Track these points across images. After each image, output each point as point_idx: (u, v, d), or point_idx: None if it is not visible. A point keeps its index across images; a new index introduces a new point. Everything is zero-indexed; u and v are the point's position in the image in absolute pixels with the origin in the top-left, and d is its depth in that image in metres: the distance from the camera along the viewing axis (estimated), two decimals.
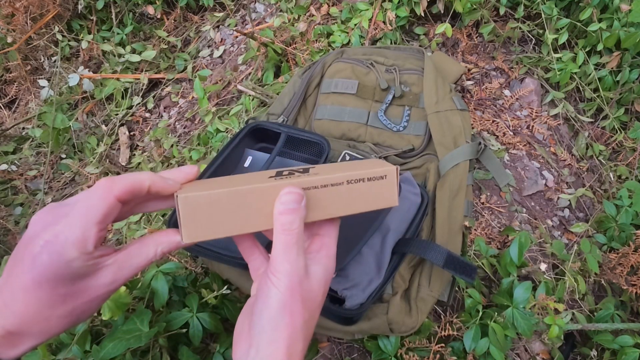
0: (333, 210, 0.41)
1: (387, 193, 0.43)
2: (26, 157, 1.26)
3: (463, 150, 0.81)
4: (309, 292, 0.38)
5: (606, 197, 0.94)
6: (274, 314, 0.36)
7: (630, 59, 0.98)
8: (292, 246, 0.37)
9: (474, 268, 0.62)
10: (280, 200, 0.37)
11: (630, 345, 0.73)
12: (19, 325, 0.34)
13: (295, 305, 0.37)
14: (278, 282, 0.37)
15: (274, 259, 0.37)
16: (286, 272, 0.37)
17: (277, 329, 0.36)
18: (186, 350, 0.64)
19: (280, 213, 0.37)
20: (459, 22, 1.13)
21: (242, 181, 0.39)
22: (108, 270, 0.36)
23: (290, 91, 0.93)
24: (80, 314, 0.36)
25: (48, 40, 1.36)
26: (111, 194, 0.34)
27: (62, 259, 0.33)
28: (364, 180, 0.41)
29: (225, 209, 0.36)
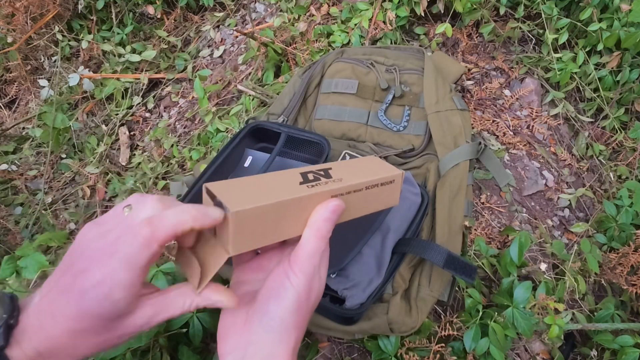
0: (352, 213, 0.43)
1: (393, 195, 0.47)
2: (26, 157, 1.26)
3: (463, 150, 0.81)
4: (318, 296, 0.39)
5: (606, 197, 0.94)
6: (287, 315, 0.36)
7: (630, 59, 0.98)
8: (320, 252, 0.38)
9: (474, 268, 0.62)
10: (329, 209, 0.38)
11: (630, 345, 0.73)
12: (50, 349, 0.34)
13: (306, 308, 0.38)
14: (298, 281, 0.37)
15: (300, 259, 0.37)
16: (308, 274, 0.37)
17: (286, 330, 0.36)
18: (186, 350, 0.64)
19: (324, 220, 0.38)
20: (459, 22, 1.13)
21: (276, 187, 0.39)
22: (145, 311, 0.36)
23: (290, 91, 0.93)
24: (108, 347, 0.36)
25: (48, 40, 1.36)
26: (154, 243, 0.33)
27: (109, 299, 0.33)
28: (379, 185, 0.44)
29: (269, 219, 0.37)
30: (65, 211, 1.17)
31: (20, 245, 1.11)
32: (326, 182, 0.41)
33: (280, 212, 0.37)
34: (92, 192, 1.18)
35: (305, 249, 0.38)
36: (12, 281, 0.69)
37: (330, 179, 0.42)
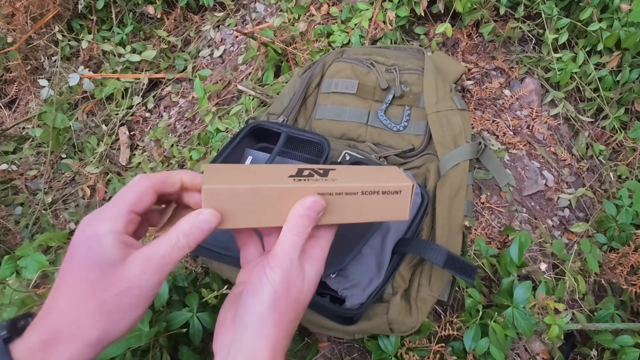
0: (343, 217, 0.42)
1: (400, 207, 0.44)
2: (26, 156, 1.26)
3: (463, 150, 0.81)
4: (300, 292, 0.38)
5: (606, 196, 0.94)
6: (264, 310, 0.36)
7: (630, 59, 0.98)
8: (298, 247, 0.38)
9: (474, 268, 0.62)
10: (305, 205, 0.38)
11: (630, 345, 0.73)
12: (52, 330, 0.33)
13: (286, 304, 0.37)
14: (274, 276, 0.37)
15: (277, 254, 0.37)
16: (285, 267, 0.37)
17: (264, 325, 0.36)
18: (186, 350, 0.64)
19: (300, 216, 0.38)
20: (459, 21, 1.13)
21: (263, 176, 0.39)
22: (136, 260, 0.35)
23: (290, 91, 0.93)
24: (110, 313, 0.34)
25: (48, 40, 1.36)
26: (146, 181, 0.36)
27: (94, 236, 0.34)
28: (379, 192, 0.42)
29: (244, 203, 0.37)
30: (65, 211, 1.17)
31: (20, 245, 1.11)
32: (317, 179, 0.40)
33: (256, 199, 0.37)
34: (92, 192, 1.18)
35: (282, 243, 0.38)
36: (12, 281, 0.69)
37: (324, 178, 0.41)
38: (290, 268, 0.37)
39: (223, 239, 0.67)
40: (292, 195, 0.38)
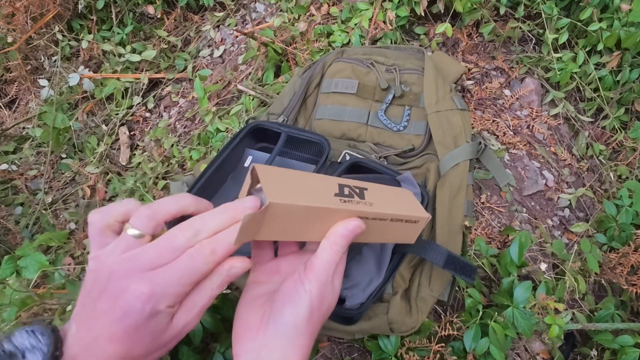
0: (369, 237, 0.46)
1: (412, 233, 0.49)
2: (26, 156, 1.26)
3: (463, 150, 0.81)
4: (329, 306, 0.41)
5: (606, 196, 0.94)
6: (300, 321, 0.38)
7: (630, 59, 0.98)
8: (334, 264, 0.40)
9: (474, 268, 0.62)
10: (348, 227, 0.41)
11: (630, 345, 0.73)
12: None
13: (318, 316, 0.39)
14: (312, 288, 0.39)
15: (316, 267, 0.40)
16: (322, 282, 0.39)
17: (300, 336, 0.38)
18: (186, 350, 0.64)
19: (341, 236, 0.41)
20: (459, 21, 1.13)
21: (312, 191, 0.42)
22: (180, 315, 0.38)
23: (290, 91, 0.93)
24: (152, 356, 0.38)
25: (48, 39, 1.36)
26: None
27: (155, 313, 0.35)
28: (403, 221, 0.46)
29: (297, 218, 0.39)
30: (66, 211, 1.17)
31: (20, 245, 1.11)
32: (358, 202, 0.44)
33: (308, 215, 0.40)
34: (92, 192, 1.18)
35: (321, 258, 0.40)
36: (12, 281, 0.69)
37: (363, 201, 0.44)
38: (326, 282, 0.40)
39: None
40: (338, 215, 0.41)
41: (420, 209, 0.49)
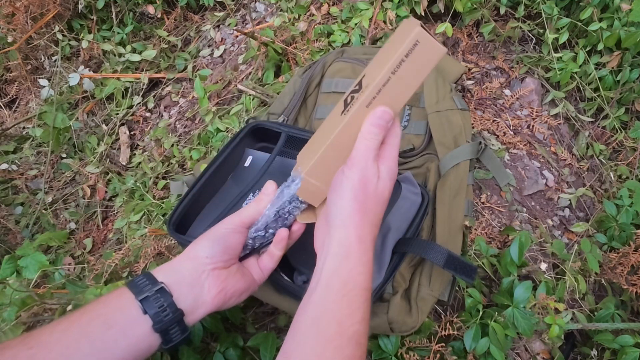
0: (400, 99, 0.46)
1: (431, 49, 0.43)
2: (27, 156, 1.26)
3: (463, 150, 0.81)
4: (376, 187, 0.46)
5: (606, 196, 0.94)
6: (345, 203, 0.45)
7: (630, 59, 0.98)
8: (372, 150, 0.46)
9: (474, 268, 0.61)
10: (375, 114, 0.45)
11: (630, 345, 0.73)
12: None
13: (365, 197, 0.45)
14: (352, 174, 0.45)
15: (353, 157, 0.45)
16: (361, 167, 0.45)
17: (348, 216, 0.45)
18: (186, 350, 0.64)
19: (371, 124, 0.45)
20: (459, 21, 1.13)
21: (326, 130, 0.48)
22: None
23: (290, 91, 0.93)
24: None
25: (48, 39, 1.36)
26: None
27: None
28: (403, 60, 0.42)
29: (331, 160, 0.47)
30: (66, 211, 1.17)
31: (20, 244, 1.11)
32: (357, 97, 0.45)
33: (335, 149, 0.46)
34: (93, 192, 1.18)
35: (357, 149, 0.46)
36: (13, 281, 0.69)
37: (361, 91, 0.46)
38: (366, 167, 0.45)
39: None
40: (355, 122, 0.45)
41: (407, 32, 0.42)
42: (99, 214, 1.14)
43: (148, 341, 0.44)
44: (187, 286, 0.47)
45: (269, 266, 0.56)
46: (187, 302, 0.47)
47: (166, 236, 0.86)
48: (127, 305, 0.44)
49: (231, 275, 0.51)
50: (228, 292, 0.50)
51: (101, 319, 0.43)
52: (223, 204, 0.74)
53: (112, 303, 0.45)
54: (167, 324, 0.44)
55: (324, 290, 0.44)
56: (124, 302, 0.45)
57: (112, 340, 0.42)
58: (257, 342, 0.67)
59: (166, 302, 0.45)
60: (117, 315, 0.44)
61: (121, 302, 0.45)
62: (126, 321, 0.44)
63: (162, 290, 0.46)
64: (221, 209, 0.72)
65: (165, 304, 0.45)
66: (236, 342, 0.68)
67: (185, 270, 0.48)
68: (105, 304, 0.45)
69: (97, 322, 0.43)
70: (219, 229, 0.52)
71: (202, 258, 0.49)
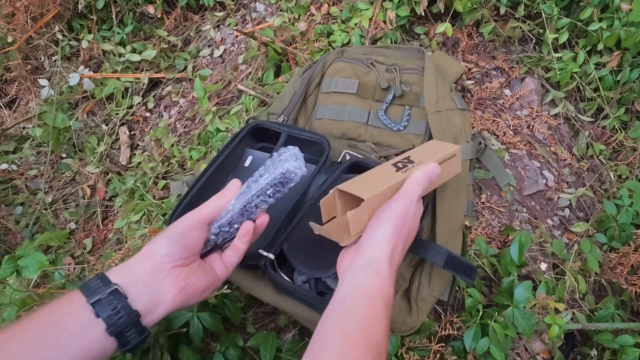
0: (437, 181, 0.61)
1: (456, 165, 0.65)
2: (26, 156, 1.26)
3: (463, 150, 0.81)
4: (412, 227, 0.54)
5: (606, 196, 0.94)
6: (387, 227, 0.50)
7: (630, 59, 0.98)
8: (417, 192, 0.54)
9: (474, 269, 0.62)
10: (428, 167, 0.56)
11: (630, 345, 0.73)
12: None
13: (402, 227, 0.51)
14: (397, 206, 0.52)
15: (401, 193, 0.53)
16: (406, 203, 0.53)
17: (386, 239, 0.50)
18: (186, 350, 0.64)
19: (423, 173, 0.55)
20: (459, 21, 1.13)
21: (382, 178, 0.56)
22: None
23: (290, 91, 0.93)
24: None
25: (48, 39, 1.36)
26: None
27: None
28: (447, 159, 0.63)
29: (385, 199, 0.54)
30: (66, 211, 1.17)
31: (20, 244, 1.11)
32: (413, 166, 0.58)
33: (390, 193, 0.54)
34: (93, 192, 1.18)
35: (405, 187, 0.54)
36: (13, 281, 0.69)
37: (414, 163, 0.59)
38: (410, 204, 0.52)
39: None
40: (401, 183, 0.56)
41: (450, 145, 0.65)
42: (99, 214, 1.14)
43: (101, 345, 0.43)
44: (144, 286, 0.46)
45: (233, 260, 0.55)
46: (144, 303, 0.46)
47: None
48: (77, 310, 0.43)
49: (192, 273, 0.50)
50: (189, 291, 0.49)
51: (50, 325, 0.42)
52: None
53: (61, 308, 0.44)
54: (121, 326, 0.43)
55: (352, 300, 0.46)
56: (74, 306, 0.43)
57: (61, 346, 0.41)
58: (257, 342, 0.67)
59: (120, 304, 0.44)
60: (66, 321, 0.42)
61: (72, 307, 0.44)
62: (76, 326, 0.42)
63: (115, 292, 0.44)
64: None
65: (119, 306, 0.43)
66: (236, 342, 0.68)
67: (142, 270, 0.47)
68: (54, 309, 0.43)
69: (45, 328, 0.42)
70: (178, 226, 0.50)
71: (160, 257, 0.48)
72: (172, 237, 0.49)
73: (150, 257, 0.48)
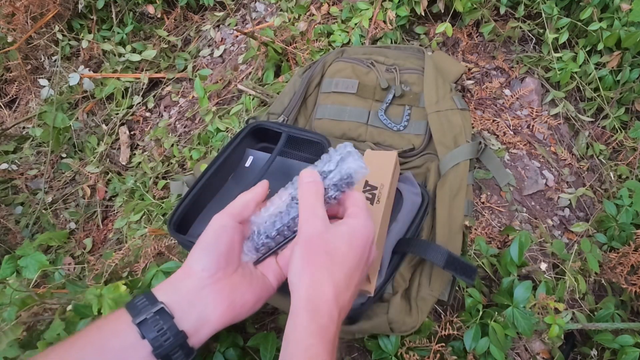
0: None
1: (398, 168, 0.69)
2: (26, 156, 1.26)
3: (463, 150, 0.81)
4: (328, 242, 0.42)
5: (606, 196, 0.94)
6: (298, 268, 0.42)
7: (630, 59, 0.98)
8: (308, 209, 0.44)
9: (474, 269, 0.62)
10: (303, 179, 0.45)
11: (630, 345, 0.73)
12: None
13: (314, 256, 0.42)
14: (298, 239, 0.43)
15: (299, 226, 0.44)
16: (305, 231, 0.43)
17: (300, 279, 0.42)
18: None
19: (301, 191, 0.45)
20: (459, 21, 1.13)
21: None
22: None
23: (290, 91, 0.93)
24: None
25: (48, 39, 1.36)
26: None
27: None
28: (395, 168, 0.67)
29: None
30: (66, 211, 1.17)
31: (20, 244, 1.11)
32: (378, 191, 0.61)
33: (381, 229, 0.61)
34: (93, 192, 1.18)
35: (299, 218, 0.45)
36: (13, 281, 0.69)
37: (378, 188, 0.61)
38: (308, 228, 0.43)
39: None
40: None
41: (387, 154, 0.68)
42: (99, 214, 1.14)
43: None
44: (189, 305, 0.43)
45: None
46: (190, 323, 0.42)
47: (166, 236, 0.86)
48: (123, 330, 0.41)
49: (236, 287, 0.45)
50: (236, 307, 0.45)
51: (95, 345, 0.40)
52: (224, 204, 0.73)
53: (108, 326, 0.42)
54: (168, 348, 0.40)
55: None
56: (120, 325, 0.41)
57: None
58: (257, 342, 0.67)
59: (166, 324, 0.41)
60: (113, 341, 0.41)
61: (117, 326, 0.41)
62: (122, 347, 0.40)
63: (161, 311, 0.41)
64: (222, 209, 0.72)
65: (165, 327, 0.41)
66: (236, 342, 0.68)
67: (184, 288, 0.44)
68: (101, 328, 0.42)
69: (91, 349, 0.40)
70: (208, 233, 0.46)
71: (198, 272, 0.44)
72: (204, 247, 0.45)
73: (189, 273, 0.45)
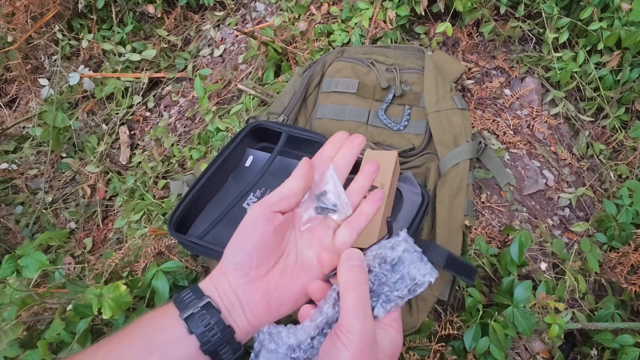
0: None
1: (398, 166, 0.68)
2: (27, 156, 1.26)
3: (463, 150, 0.81)
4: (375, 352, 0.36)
5: (606, 196, 0.94)
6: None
7: (630, 58, 0.98)
8: (361, 303, 0.36)
9: (474, 269, 0.62)
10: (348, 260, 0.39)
11: (630, 345, 0.73)
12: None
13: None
14: (349, 342, 0.35)
15: (344, 318, 0.36)
16: (358, 331, 0.35)
17: None
18: None
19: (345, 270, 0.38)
20: (459, 21, 1.13)
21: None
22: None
23: (290, 90, 0.93)
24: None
25: (48, 39, 1.36)
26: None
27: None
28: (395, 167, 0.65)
29: None
30: (66, 210, 1.17)
31: (20, 244, 1.11)
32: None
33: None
34: (93, 191, 1.18)
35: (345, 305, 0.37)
36: (13, 280, 0.69)
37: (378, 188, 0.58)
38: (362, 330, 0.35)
39: (223, 238, 0.67)
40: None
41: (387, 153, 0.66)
42: (99, 214, 1.14)
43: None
44: (230, 303, 0.41)
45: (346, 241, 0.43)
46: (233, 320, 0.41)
47: (166, 236, 0.86)
48: (170, 324, 0.39)
49: (272, 288, 0.41)
50: (272, 310, 0.42)
51: (142, 341, 0.39)
52: (224, 203, 0.74)
53: (155, 321, 0.40)
54: (215, 344, 0.39)
55: None
56: (167, 320, 0.40)
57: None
58: None
59: (213, 319, 0.39)
60: (159, 337, 0.39)
61: (164, 321, 0.40)
62: (169, 343, 0.39)
63: (208, 305, 0.40)
64: (222, 209, 0.72)
65: (212, 322, 0.39)
66: None
67: (223, 286, 0.41)
68: (149, 322, 0.40)
69: (138, 345, 0.39)
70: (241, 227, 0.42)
71: (231, 271, 0.41)
72: (235, 243, 0.42)
73: (226, 271, 0.42)
